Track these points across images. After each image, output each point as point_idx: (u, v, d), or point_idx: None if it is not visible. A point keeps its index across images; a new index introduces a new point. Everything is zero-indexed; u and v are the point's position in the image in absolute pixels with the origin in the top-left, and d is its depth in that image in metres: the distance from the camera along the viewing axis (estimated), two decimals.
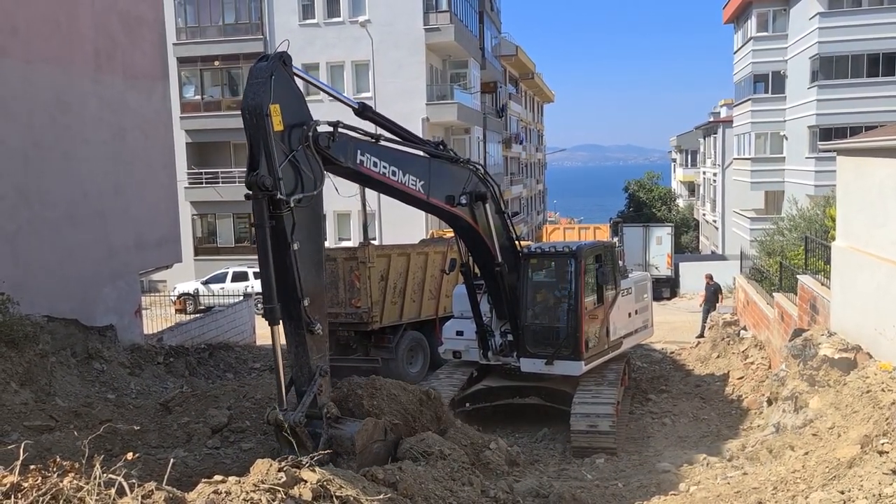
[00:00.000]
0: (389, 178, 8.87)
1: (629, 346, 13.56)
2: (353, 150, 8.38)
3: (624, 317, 12.86)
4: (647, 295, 14.15)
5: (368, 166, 8.58)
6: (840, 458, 6.61)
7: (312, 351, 7.32)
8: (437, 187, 9.61)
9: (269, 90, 7.10)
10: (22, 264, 11.99)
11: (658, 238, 32.73)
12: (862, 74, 32.41)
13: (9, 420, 9.01)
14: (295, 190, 7.27)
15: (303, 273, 7.24)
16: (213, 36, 34.27)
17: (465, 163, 10.48)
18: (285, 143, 7.32)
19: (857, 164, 9.92)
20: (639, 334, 13.72)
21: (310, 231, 7.52)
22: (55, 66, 12.84)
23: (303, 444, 6.84)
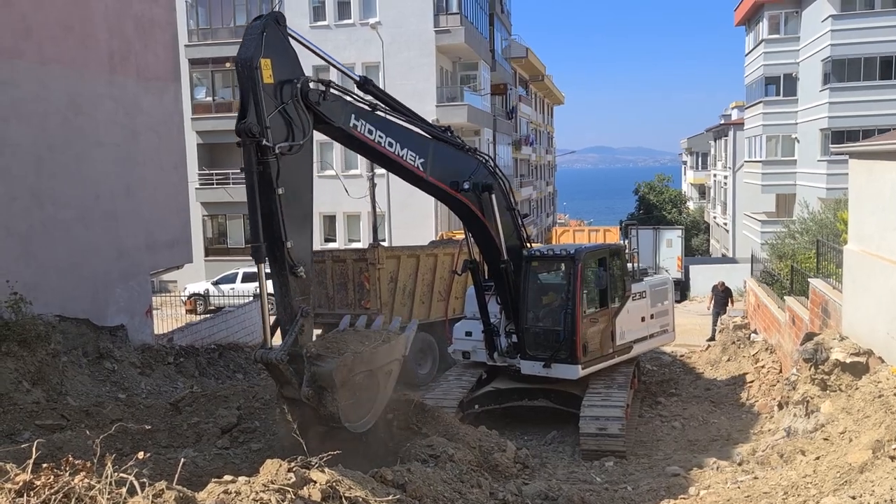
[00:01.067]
0: (385, 149, 9.04)
1: (644, 351, 13.47)
2: (347, 113, 8.63)
3: (635, 321, 12.69)
4: (668, 299, 13.88)
5: (362, 132, 8.79)
6: (852, 463, 6.57)
7: (295, 292, 7.68)
8: (440, 169, 9.75)
9: (260, 45, 7.46)
10: (34, 265, 12.09)
11: (668, 241, 32.62)
12: (875, 77, 32.19)
13: (21, 419, 9.09)
14: (285, 141, 7.71)
15: (287, 217, 7.65)
16: (225, 38, 34.43)
17: (472, 152, 10.55)
18: (276, 97, 7.66)
19: (870, 168, 9.85)
20: (656, 339, 13.51)
21: (296, 179, 7.94)
22: (69, 69, 12.94)
23: (288, 382, 7.19)
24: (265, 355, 7.30)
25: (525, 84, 54.36)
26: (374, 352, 7.96)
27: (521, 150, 49.63)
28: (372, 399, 7.85)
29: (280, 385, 7.34)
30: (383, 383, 7.99)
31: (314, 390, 7.20)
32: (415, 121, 9.52)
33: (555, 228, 43.52)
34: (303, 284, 7.83)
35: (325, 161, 33.44)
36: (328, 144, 33.63)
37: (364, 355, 7.77)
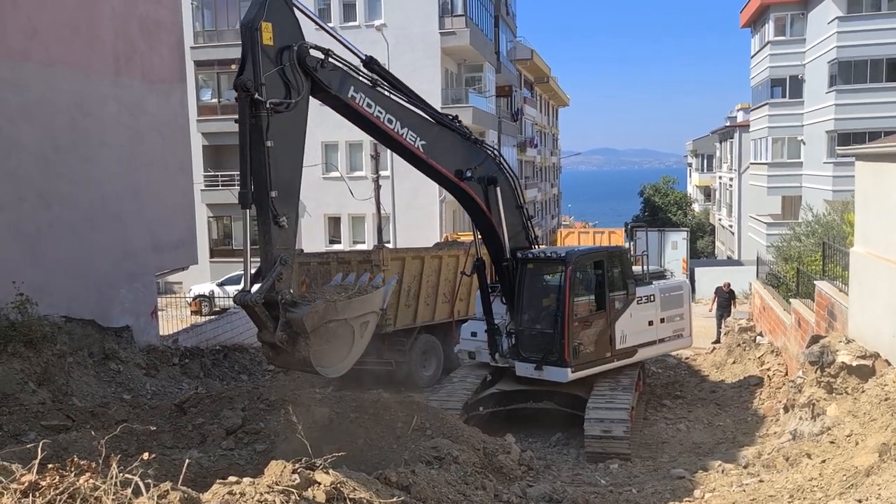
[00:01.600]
0: (385, 125, 9.40)
1: (652, 355, 13.40)
2: (347, 84, 9.06)
3: (641, 325, 12.48)
4: (683, 304, 13.51)
5: (360, 104, 9.19)
6: (858, 467, 6.54)
7: (277, 241, 8.09)
8: (442, 154, 10.11)
9: (263, 9, 8.05)
10: (41, 265, 12.13)
11: (673, 243, 32.53)
12: (881, 79, 32.10)
13: (27, 419, 9.11)
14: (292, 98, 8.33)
15: (274, 169, 8.17)
16: (231, 39, 34.47)
17: (480, 144, 10.74)
18: (276, 60, 8.24)
19: (876, 170, 9.82)
20: (668, 343, 13.31)
21: (287, 136, 8.41)
22: (75, 70, 12.99)
23: (264, 325, 7.63)
24: (242, 298, 7.69)
25: (530, 86, 54.37)
26: (349, 302, 8.22)
27: (525, 152, 49.62)
28: (346, 347, 8.15)
29: (258, 329, 7.73)
30: (359, 333, 8.27)
31: (288, 335, 7.57)
32: (420, 105, 9.82)
33: (559, 230, 43.45)
34: (284, 234, 8.22)
35: (330, 163, 33.50)
36: (333, 146, 33.74)
37: (338, 305, 8.06)
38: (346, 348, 8.17)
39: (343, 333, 8.15)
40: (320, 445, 7.76)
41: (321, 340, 7.79)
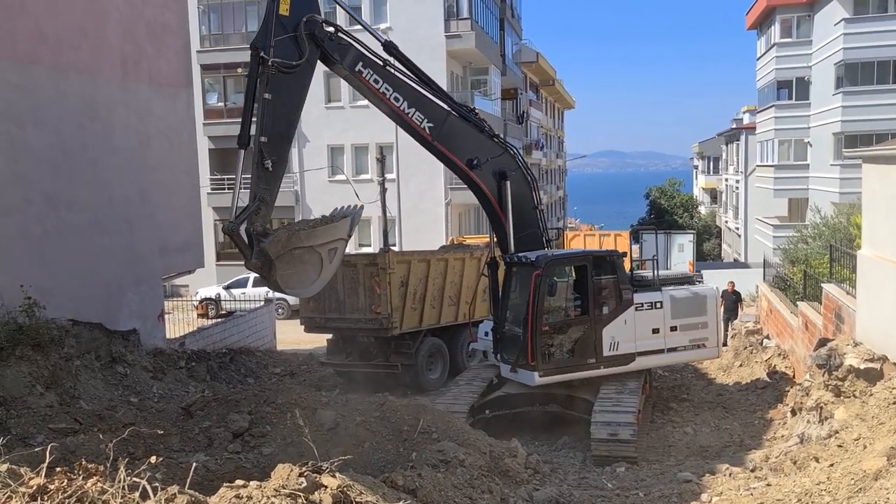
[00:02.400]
0: (391, 101, 10.44)
1: (659, 364, 13.26)
2: (354, 58, 10.23)
3: (641, 332, 12.00)
4: (705, 312, 12.63)
5: (367, 79, 10.30)
6: (866, 471, 6.51)
7: (261, 180, 9.36)
8: (452, 140, 10.91)
9: None
10: (49, 269, 12.18)
11: (680, 245, 32.46)
12: (888, 81, 31.97)
13: (34, 423, 9.15)
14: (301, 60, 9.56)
15: (269, 119, 9.33)
16: (237, 43, 34.62)
17: (498, 139, 11.29)
18: (289, 29, 9.47)
19: (883, 172, 9.78)
20: (682, 353, 12.71)
21: (286, 94, 9.56)
22: (83, 74, 13.06)
23: (242, 251, 8.92)
24: (227, 226, 9.07)
25: (535, 88, 54.37)
26: (313, 231, 9.28)
27: (531, 155, 49.57)
28: (315, 272, 9.31)
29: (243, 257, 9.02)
30: (327, 259, 9.36)
31: (261, 262, 8.79)
32: (437, 93, 10.68)
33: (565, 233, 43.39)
34: (269, 176, 9.51)
35: (335, 166, 33.56)
36: (339, 149, 33.80)
37: (301, 234, 9.20)
38: (314, 273, 9.25)
39: (311, 259, 9.22)
40: (327, 449, 7.79)
41: (288, 266, 8.97)
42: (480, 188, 11.29)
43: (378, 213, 29.13)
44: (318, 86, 33.45)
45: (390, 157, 31.28)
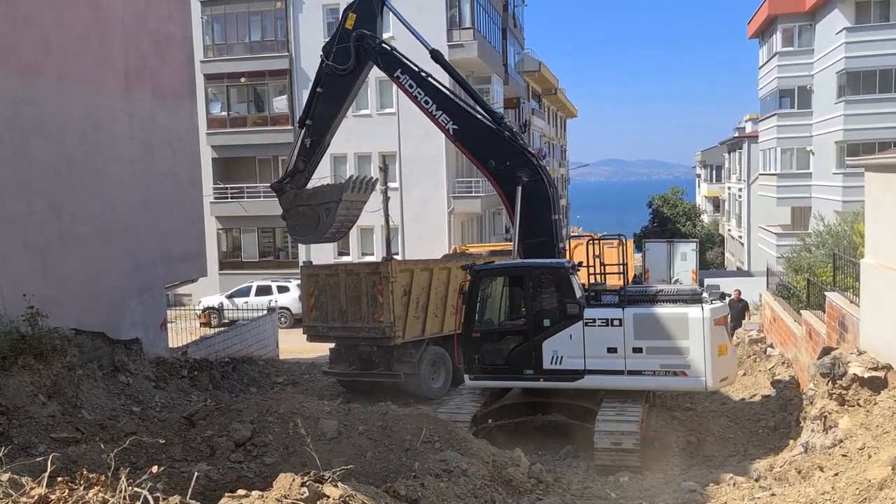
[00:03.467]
0: (421, 104, 12.36)
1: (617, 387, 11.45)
2: (395, 66, 12.57)
3: (593, 350, 11.30)
4: (689, 335, 11.01)
5: (404, 84, 12.50)
6: (871, 480, 6.47)
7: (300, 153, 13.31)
8: (474, 142, 12.25)
9: (354, 3, 12.77)
10: (52, 278, 12.21)
11: (683, 254, 32.38)
12: (890, 89, 31.98)
13: (36, 432, 9.14)
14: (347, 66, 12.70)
15: (315, 107, 12.95)
16: (240, 53, 34.81)
17: (518, 144, 12.00)
18: (347, 40, 12.53)
19: (886, 180, 9.76)
20: (654, 379, 11.23)
21: (334, 91, 12.76)
22: (87, 84, 13.13)
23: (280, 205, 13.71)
24: (272, 183, 13.83)
25: (538, 97, 54.48)
26: (313, 192, 13.42)
27: None
28: (313, 225, 13.39)
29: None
30: (323, 216, 13.25)
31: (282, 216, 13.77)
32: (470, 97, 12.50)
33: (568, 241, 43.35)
34: (306, 151, 13.17)
35: (338, 175, 33.61)
36: (341, 158, 33.86)
37: (302, 194, 13.39)
38: (313, 226, 13.27)
39: (311, 215, 13.39)
40: (329, 458, 7.77)
41: (294, 218, 13.58)
42: (492, 183, 12.49)
43: (381, 222, 29.15)
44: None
45: (393, 166, 31.35)
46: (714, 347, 10.98)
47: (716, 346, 11.00)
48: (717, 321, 11.13)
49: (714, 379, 11.07)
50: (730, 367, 11.67)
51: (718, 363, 11.04)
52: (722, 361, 11.17)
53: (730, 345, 11.65)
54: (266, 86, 34.74)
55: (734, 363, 11.84)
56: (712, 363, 10.95)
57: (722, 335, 11.27)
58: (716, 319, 11.07)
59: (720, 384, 11.54)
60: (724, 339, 11.33)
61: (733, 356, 11.65)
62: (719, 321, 11.19)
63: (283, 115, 34.35)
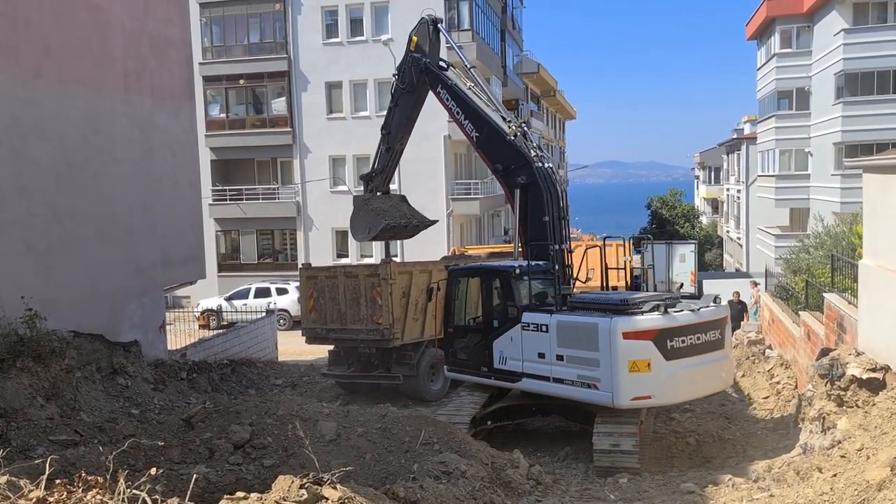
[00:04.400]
0: (454, 115, 13.85)
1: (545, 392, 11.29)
2: (437, 83, 14.05)
3: (528, 354, 11.31)
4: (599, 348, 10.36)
5: (443, 98, 13.98)
6: (869, 481, 6.48)
7: (380, 156, 15.83)
8: (489, 148, 13.25)
9: (416, 27, 14.95)
10: (52, 280, 12.21)
11: (681, 255, 32.36)
12: (888, 91, 32.02)
13: (35, 434, 9.14)
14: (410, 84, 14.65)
15: (390, 119, 15.41)
16: (239, 55, 34.82)
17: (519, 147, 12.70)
18: (409, 60, 14.67)
19: (884, 182, 9.78)
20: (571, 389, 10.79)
21: (404, 104, 15.02)
22: (87, 87, 13.14)
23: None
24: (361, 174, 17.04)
25: (537, 99, 54.51)
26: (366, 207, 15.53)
27: None
28: (364, 231, 15.36)
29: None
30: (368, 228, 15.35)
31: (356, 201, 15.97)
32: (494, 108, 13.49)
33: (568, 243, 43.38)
34: (384, 155, 15.69)
35: (337, 177, 33.62)
36: (340, 160, 33.90)
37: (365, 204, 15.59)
38: (364, 230, 15.39)
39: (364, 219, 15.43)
40: (328, 460, 7.78)
41: (354, 218, 15.62)
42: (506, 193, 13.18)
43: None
44: (319, 96, 33.60)
45: None
46: (623, 362, 10.16)
47: (625, 360, 10.15)
48: (634, 334, 10.22)
49: (623, 396, 10.28)
50: (652, 386, 10.29)
51: (629, 380, 10.19)
52: (636, 378, 10.21)
53: (663, 364, 10.22)
54: (265, 88, 34.75)
55: (667, 383, 10.33)
56: (620, 379, 10.21)
57: (642, 350, 10.18)
58: (632, 332, 10.21)
59: (631, 403, 10.42)
60: (644, 354, 10.19)
61: (664, 375, 10.22)
62: (640, 334, 10.22)
63: (281, 116, 34.36)
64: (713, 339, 10.85)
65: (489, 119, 13.12)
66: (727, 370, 11.50)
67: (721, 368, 11.18)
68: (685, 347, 10.46)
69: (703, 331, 10.68)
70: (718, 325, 11.02)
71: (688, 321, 10.56)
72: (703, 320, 10.73)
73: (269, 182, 35.33)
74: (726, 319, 11.35)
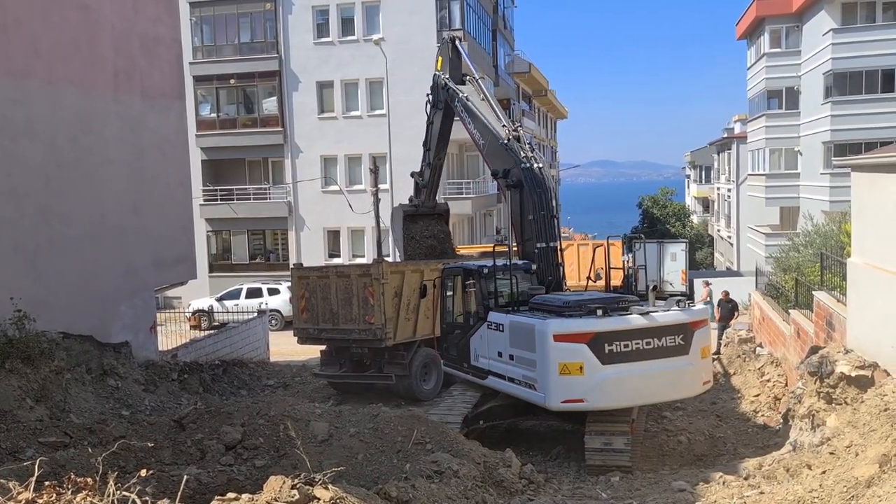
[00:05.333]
0: (468, 126, 14.80)
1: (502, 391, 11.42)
2: (454, 98, 15.22)
3: (492, 352, 11.44)
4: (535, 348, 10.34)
5: (459, 112, 15.13)
6: (858, 478, 6.52)
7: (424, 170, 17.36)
8: (490, 153, 14.12)
9: (439, 47, 16.69)
10: (41, 282, 12.14)
11: (672, 254, 32.50)
12: (876, 90, 32.23)
13: (24, 436, 9.09)
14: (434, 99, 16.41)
15: (432, 135, 16.76)
16: (229, 55, 34.69)
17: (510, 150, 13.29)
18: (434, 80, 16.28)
19: (872, 180, 9.85)
20: (517, 387, 10.88)
21: (437, 122, 16.44)
22: (77, 87, 13.07)
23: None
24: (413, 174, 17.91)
25: (528, 99, 54.58)
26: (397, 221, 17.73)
27: None
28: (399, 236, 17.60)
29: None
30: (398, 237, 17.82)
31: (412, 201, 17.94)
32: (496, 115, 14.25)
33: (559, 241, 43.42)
34: (427, 170, 17.16)
35: (329, 177, 33.56)
36: (332, 160, 33.85)
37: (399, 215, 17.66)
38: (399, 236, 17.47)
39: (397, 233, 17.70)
40: (320, 460, 7.77)
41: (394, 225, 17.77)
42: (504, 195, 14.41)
43: (371, 223, 29.13)
44: (311, 96, 33.54)
45: (383, 167, 31.32)
46: (553, 364, 10.09)
47: (556, 363, 10.08)
48: (565, 337, 10.11)
49: (554, 398, 10.24)
50: (584, 390, 10.09)
51: (560, 382, 10.11)
52: (567, 381, 10.08)
53: (598, 367, 10.04)
54: (255, 87, 34.65)
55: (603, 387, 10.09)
56: (551, 381, 10.17)
57: (573, 353, 10.07)
58: (563, 335, 10.11)
59: (562, 405, 10.34)
60: (576, 357, 10.06)
61: (597, 379, 10.02)
62: (572, 337, 10.10)
63: (272, 116, 34.28)
64: (670, 344, 10.36)
65: (491, 127, 13.93)
66: (690, 377, 10.70)
67: (681, 375, 10.52)
68: (629, 352, 10.17)
69: (654, 335, 10.28)
70: (679, 330, 10.46)
71: (631, 325, 10.25)
72: (654, 325, 10.32)
73: (261, 182, 35.24)
74: (697, 324, 10.69)
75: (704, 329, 10.92)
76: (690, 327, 10.59)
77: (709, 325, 11.17)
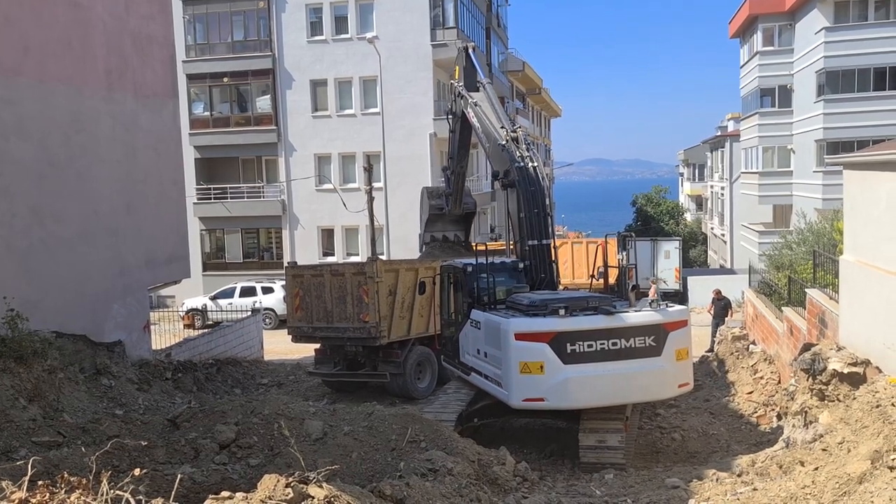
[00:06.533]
0: (476, 131, 15.19)
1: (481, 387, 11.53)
2: (466, 104, 15.58)
3: (473, 349, 11.74)
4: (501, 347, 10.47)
5: (470, 118, 15.36)
6: (850, 474, 6.56)
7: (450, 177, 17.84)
8: (492, 155, 14.32)
9: (455, 57, 17.17)
10: (34, 281, 12.08)
11: (666, 252, 32.60)
12: (868, 88, 32.38)
13: (17, 436, 9.05)
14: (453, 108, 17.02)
15: (452, 144, 17.29)
16: (223, 53, 34.59)
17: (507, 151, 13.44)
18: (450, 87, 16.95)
19: (864, 178, 9.90)
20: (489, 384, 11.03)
21: (458, 131, 16.85)
22: (69, 86, 13.00)
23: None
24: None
25: (522, 97, 54.59)
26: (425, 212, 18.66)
27: None
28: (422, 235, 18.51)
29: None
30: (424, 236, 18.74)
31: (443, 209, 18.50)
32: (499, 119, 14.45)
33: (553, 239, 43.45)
34: (452, 178, 17.63)
35: (323, 175, 33.51)
36: (326, 158, 33.80)
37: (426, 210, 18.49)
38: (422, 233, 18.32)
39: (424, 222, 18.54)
40: (314, 459, 7.77)
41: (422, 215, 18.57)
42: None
43: (365, 221, 29.10)
44: (304, 94, 33.47)
45: (377, 165, 31.29)
46: (514, 362, 10.18)
47: (517, 361, 10.17)
48: (526, 336, 10.16)
49: (515, 396, 10.33)
50: (545, 389, 10.13)
51: (520, 381, 10.20)
52: (528, 380, 10.16)
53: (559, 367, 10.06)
54: (249, 86, 34.56)
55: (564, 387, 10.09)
56: (512, 379, 10.28)
57: (534, 352, 10.11)
58: (525, 334, 10.17)
59: (523, 404, 10.46)
60: (537, 356, 10.10)
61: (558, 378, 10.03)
62: (533, 336, 10.14)
63: (266, 115, 34.20)
64: (640, 345, 10.23)
65: (493, 130, 14.30)
66: (663, 379, 10.51)
67: (652, 377, 10.36)
68: (592, 352, 10.12)
69: (622, 336, 10.18)
70: (651, 331, 10.28)
71: (595, 325, 10.19)
72: (621, 325, 10.21)
73: (254, 181, 35.16)
74: (673, 325, 10.49)
75: (682, 330, 10.63)
76: (664, 328, 10.39)
77: (689, 326, 10.81)
